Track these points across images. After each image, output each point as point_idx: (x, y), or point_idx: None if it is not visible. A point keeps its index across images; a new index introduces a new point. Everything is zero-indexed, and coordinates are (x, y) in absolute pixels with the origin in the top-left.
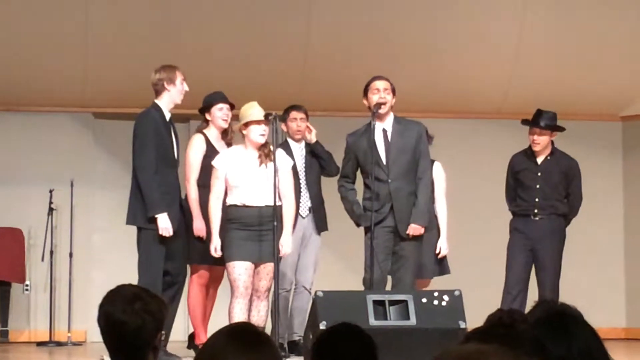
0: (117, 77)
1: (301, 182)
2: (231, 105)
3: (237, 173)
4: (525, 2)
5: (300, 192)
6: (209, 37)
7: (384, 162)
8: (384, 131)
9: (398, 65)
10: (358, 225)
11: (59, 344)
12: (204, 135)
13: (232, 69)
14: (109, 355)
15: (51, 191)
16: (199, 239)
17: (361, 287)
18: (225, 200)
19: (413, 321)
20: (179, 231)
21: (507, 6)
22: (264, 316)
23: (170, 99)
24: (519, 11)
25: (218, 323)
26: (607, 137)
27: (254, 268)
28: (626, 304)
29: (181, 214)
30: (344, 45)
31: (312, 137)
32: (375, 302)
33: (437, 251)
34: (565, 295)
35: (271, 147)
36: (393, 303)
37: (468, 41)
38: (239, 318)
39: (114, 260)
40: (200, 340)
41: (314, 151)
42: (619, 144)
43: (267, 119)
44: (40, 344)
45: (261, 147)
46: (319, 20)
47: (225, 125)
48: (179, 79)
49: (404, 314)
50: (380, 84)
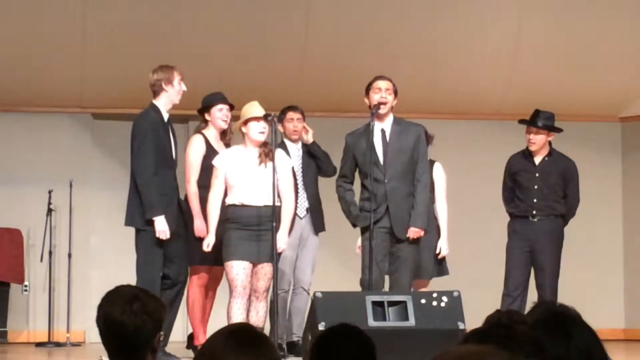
0: (115, 78)
1: (298, 182)
2: (231, 106)
3: (236, 172)
4: (524, 3)
5: (297, 192)
6: (207, 38)
7: (382, 162)
8: (382, 131)
9: (397, 66)
10: (354, 225)
11: (58, 344)
12: (203, 135)
13: (231, 69)
14: (107, 356)
15: (50, 192)
16: (199, 239)
17: (359, 288)
18: (224, 200)
19: (412, 322)
20: (178, 232)
21: (506, 7)
22: (262, 317)
23: (169, 99)
24: (518, 12)
25: (217, 324)
26: (606, 138)
27: (252, 268)
28: (625, 305)
29: (180, 215)
30: (342, 46)
31: (309, 138)
32: (374, 303)
33: (437, 252)
34: (564, 296)
35: (271, 147)
36: (392, 304)
37: (467, 42)
38: (237, 318)
39: (112, 260)
40: (199, 341)
41: (310, 151)
42: (618, 145)
43: (266, 119)
44: (39, 344)
45: (261, 146)
46: (317, 20)
47: (225, 126)
48: (176, 79)
49: (403, 315)
50: (382, 84)
